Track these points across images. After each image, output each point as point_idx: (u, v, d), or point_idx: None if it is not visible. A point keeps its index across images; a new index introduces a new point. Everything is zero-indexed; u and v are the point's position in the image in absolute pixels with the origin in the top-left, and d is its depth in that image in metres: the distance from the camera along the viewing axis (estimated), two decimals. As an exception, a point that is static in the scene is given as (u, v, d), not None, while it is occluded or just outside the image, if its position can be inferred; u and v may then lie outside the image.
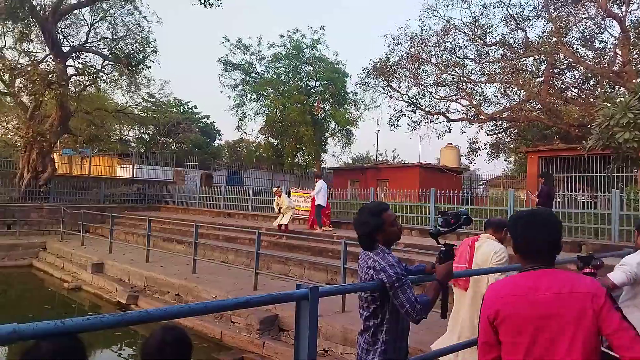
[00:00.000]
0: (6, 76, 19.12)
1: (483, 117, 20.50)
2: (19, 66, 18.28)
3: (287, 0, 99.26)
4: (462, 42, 20.60)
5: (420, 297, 2.39)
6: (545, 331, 1.78)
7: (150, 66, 21.17)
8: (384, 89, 22.93)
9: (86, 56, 20.56)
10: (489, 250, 3.89)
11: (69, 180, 20.46)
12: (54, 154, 21.23)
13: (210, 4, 19.54)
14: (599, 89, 17.63)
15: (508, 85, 19.41)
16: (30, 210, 17.23)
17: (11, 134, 24.23)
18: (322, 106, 26.38)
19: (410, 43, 20.94)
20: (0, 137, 24.75)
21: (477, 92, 21.44)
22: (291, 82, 26.01)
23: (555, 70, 19.19)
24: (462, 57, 20.78)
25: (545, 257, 1.90)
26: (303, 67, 26.36)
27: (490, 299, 1.92)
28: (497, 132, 23.05)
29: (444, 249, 2.64)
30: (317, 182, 13.39)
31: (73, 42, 20.93)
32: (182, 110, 37.43)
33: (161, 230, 15.47)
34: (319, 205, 12.83)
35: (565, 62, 18.69)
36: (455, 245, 2.88)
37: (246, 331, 7.21)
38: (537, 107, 19.03)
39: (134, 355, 7.62)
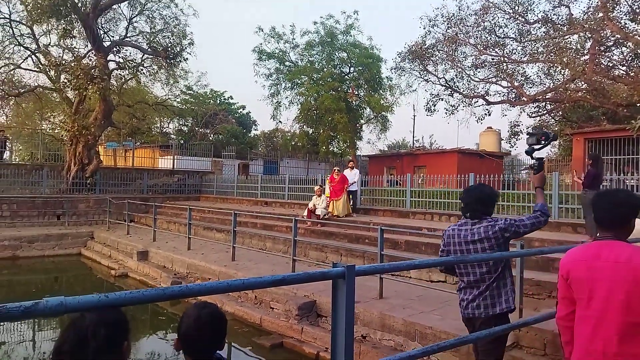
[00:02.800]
0: (52, 72, 19.96)
1: (525, 99, 19.76)
2: (64, 62, 19.01)
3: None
4: (502, 21, 19.83)
5: (535, 206, 3.24)
6: (598, 292, 2.12)
7: (187, 58, 21.58)
8: (419, 73, 22.46)
9: (126, 50, 21.15)
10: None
11: (114, 171, 21.24)
12: (99, 146, 22.07)
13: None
14: (650, 66, 16.63)
15: (551, 65, 18.58)
16: (77, 201, 18.02)
17: (58, 128, 25.34)
18: (356, 92, 26.18)
19: (447, 24, 20.35)
20: (48, 131, 25.92)
21: (518, 72, 20.64)
22: (325, 69, 25.91)
23: (602, 48, 18.19)
24: (502, 36, 20.03)
25: (615, 229, 2.22)
26: (337, 54, 26.19)
27: (564, 260, 2.33)
28: (540, 114, 22.17)
29: (537, 162, 3.42)
30: (353, 168, 13.68)
31: (113, 37, 21.59)
32: (218, 102, 38.04)
33: (201, 219, 15.86)
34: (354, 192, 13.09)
35: (612, 38, 17.69)
36: (544, 159, 3.52)
37: (285, 317, 7.31)
38: (582, 87, 18.15)
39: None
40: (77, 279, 13.13)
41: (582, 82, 17.72)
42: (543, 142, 3.42)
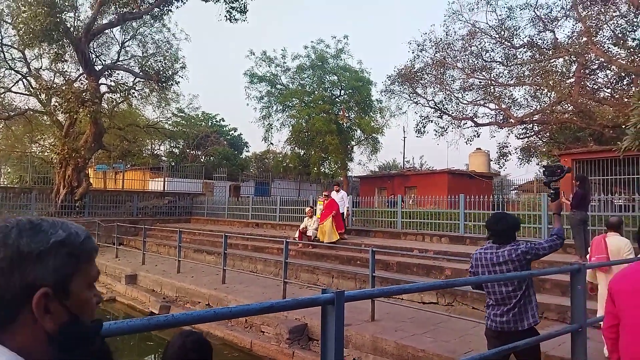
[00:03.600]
0: (43, 95, 19.93)
1: (513, 121, 20.08)
2: (55, 85, 19.02)
3: (311, 12, 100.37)
4: (489, 45, 20.31)
5: (552, 230, 3.67)
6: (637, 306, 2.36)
7: (179, 82, 21.72)
8: (409, 95, 22.79)
9: (118, 74, 21.27)
10: (618, 242, 5.22)
11: (103, 194, 21.08)
12: (89, 169, 21.93)
13: (235, 19, 19.97)
14: (633, 88, 17.01)
15: (538, 88, 18.95)
16: (66, 224, 17.77)
17: (48, 151, 25.19)
18: (347, 115, 26.45)
19: (435, 48, 20.78)
20: (38, 154, 25.75)
21: (505, 95, 21.03)
22: (316, 92, 26.20)
23: (587, 71, 18.64)
24: (489, 60, 20.47)
25: None
26: (327, 77, 26.53)
27: (613, 278, 2.62)
28: (527, 135, 22.50)
29: (553, 192, 3.90)
30: (339, 190, 13.50)
31: (105, 60, 21.73)
32: (210, 124, 38.14)
33: (191, 241, 15.72)
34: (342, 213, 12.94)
35: (596, 62, 18.14)
36: (558, 187, 4.01)
37: (276, 340, 7.21)
38: (569, 109, 18.50)
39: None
40: (64, 304, 12.87)
41: (569, 105, 18.07)
42: (559, 174, 3.91)
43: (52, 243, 0.83)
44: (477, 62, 20.34)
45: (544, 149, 23.28)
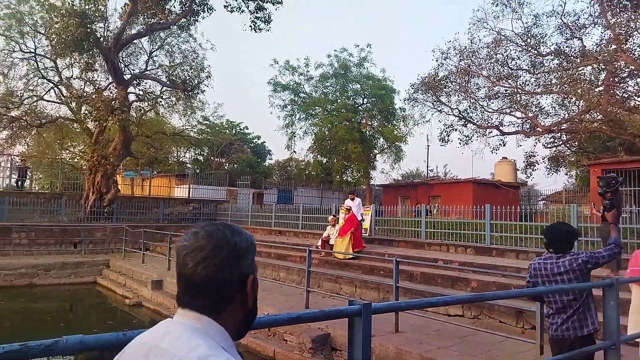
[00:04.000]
0: (73, 104, 20.56)
1: (540, 130, 19.70)
2: (85, 94, 19.61)
3: (335, 20, 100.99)
4: (515, 53, 20.03)
5: (609, 239, 3.77)
6: None
7: (204, 90, 22.12)
8: (433, 104, 22.62)
9: (146, 83, 21.81)
10: None
11: (131, 200, 21.53)
12: (117, 176, 22.45)
13: (260, 29, 20.25)
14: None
15: (565, 96, 18.57)
16: (95, 229, 18.24)
17: (77, 158, 25.93)
18: (370, 123, 26.41)
19: (460, 56, 20.62)
20: (68, 161, 26.51)
21: (532, 103, 20.66)
22: (339, 101, 26.27)
23: (616, 79, 18.18)
24: (515, 68, 20.17)
25: None
26: (350, 85, 26.58)
27: None
28: (555, 144, 22.02)
29: (609, 202, 4.14)
30: (354, 199, 13.33)
31: (133, 70, 22.31)
32: (234, 132, 38.64)
33: (215, 248, 15.84)
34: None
35: (626, 69, 17.68)
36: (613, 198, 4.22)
37: (298, 350, 7.20)
38: (598, 118, 18.05)
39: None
40: (92, 308, 13.16)
41: (598, 113, 17.64)
42: (613, 185, 4.12)
43: (250, 243, 1.07)
44: (503, 70, 20.07)
45: (573, 159, 22.74)
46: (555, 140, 21.84)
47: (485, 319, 7.37)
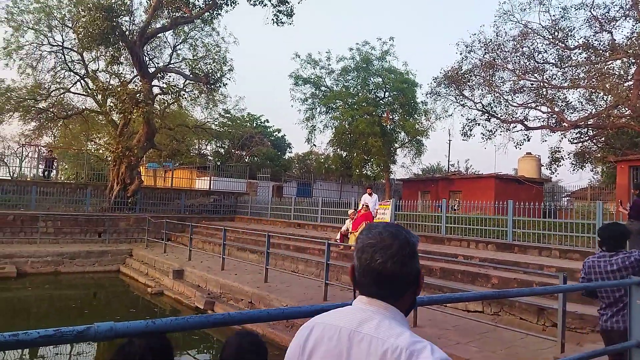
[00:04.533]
0: (99, 96, 20.97)
1: (566, 125, 19.25)
2: (110, 87, 19.98)
3: (358, 13, 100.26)
4: (541, 46, 19.57)
5: None
6: None
7: (226, 83, 22.28)
8: (455, 97, 22.32)
9: (169, 76, 22.09)
10: None
11: (154, 191, 21.91)
12: (141, 167, 22.85)
13: (282, 23, 20.27)
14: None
15: (593, 91, 18.10)
16: (119, 219, 18.64)
17: (102, 149, 26.46)
18: (391, 117, 26.21)
19: (485, 49, 20.25)
20: (93, 152, 27.09)
21: (558, 98, 20.18)
22: (360, 94, 26.13)
23: (647, 73, 17.62)
24: (542, 62, 19.72)
25: None
26: (372, 79, 26.41)
27: None
28: (582, 140, 21.48)
29: None
30: (371, 194, 13.46)
31: (158, 63, 22.61)
32: (255, 125, 38.86)
33: (235, 239, 16.06)
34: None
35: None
36: None
37: (317, 341, 7.24)
38: (626, 113, 17.55)
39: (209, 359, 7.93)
40: (115, 296, 13.48)
41: (626, 109, 17.15)
42: None
43: (417, 241, 1.24)
44: (529, 64, 19.65)
45: (599, 155, 22.17)
46: (582, 136, 21.31)
47: (506, 315, 7.29)
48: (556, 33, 18.81)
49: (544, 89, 19.58)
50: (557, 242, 10.62)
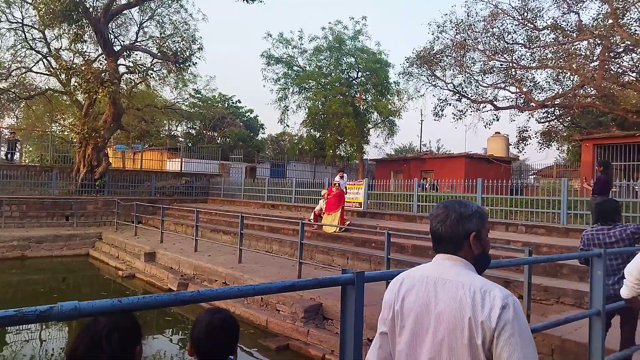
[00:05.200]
0: (63, 75, 20.16)
1: (534, 105, 19.68)
2: (74, 66, 19.21)
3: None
4: (511, 27, 19.76)
5: None
6: None
7: (196, 63, 21.76)
8: (427, 78, 22.43)
9: (136, 54, 21.34)
10: None
11: (122, 174, 21.40)
12: (108, 149, 22.23)
13: (252, 0, 19.80)
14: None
15: (560, 71, 18.50)
16: (86, 202, 18.17)
17: (68, 130, 25.59)
18: (364, 97, 26.22)
19: (456, 30, 20.34)
20: (58, 133, 26.17)
21: (527, 78, 20.55)
22: (333, 74, 25.98)
23: (612, 54, 18.09)
24: (511, 42, 19.96)
25: None
26: (344, 59, 26.26)
27: None
28: (548, 119, 22.04)
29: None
30: (343, 176, 13.44)
31: (123, 41, 21.79)
32: (226, 105, 38.22)
33: (208, 221, 15.92)
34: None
35: (622, 44, 17.58)
36: None
37: (291, 319, 7.32)
38: (591, 93, 18.04)
39: (183, 339, 7.91)
40: (85, 280, 13.22)
41: (592, 88, 17.62)
42: None
43: (474, 211, 1.57)
44: (499, 44, 19.87)
45: (565, 134, 22.84)
46: (549, 115, 21.87)
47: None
48: (525, 14, 19.03)
49: (513, 70, 19.89)
50: (524, 218, 10.95)
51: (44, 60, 21.36)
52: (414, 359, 1.52)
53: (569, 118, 21.65)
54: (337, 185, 12.62)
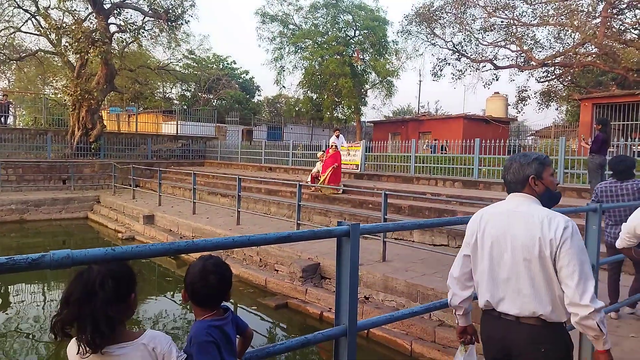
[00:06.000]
0: (53, 35, 19.62)
1: (534, 63, 19.39)
2: (64, 25, 18.66)
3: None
4: (513, -19, 19.25)
5: None
6: None
7: (189, 21, 21.16)
8: (426, 36, 22.00)
9: (127, 12, 20.68)
10: None
11: (118, 137, 21.22)
12: (102, 111, 21.93)
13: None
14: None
15: (562, 28, 18.12)
16: (83, 165, 18.09)
17: (60, 93, 25.15)
18: (361, 57, 25.75)
19: (456, -16, 19.77)
20: (51, 96, 25.76)
21: (528, 36, 20.17)
22: (329, 33, 25.40)
23: (614, 10, 17.67)
24: (513, -2, 19.47)
25: None
26: (342, 16, 25.61)
27: None
28: (548, 79, 21.78)
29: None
30: (339, 136, 13.43)
31: (113, -1, 21.08)
32: (221, 67, 37.48)
33: (205, 184, 15.93)
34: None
35: (625, 0, 17.16)
36: None
37: (289, 278, 7.44)
38: (592, 52, 17.74)
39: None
40: (85, 242, 13.33)
41: (593, 46, 17.31)
42: None
43: (533, 158, 2.01)
44: (500, 0, 19.37)
45: (565, 94, 22.62)
46: (548, 75, 21.59)
47: (470, 248, 7.60)
48: (528, -32, 18.47)
49: (514, 27, 19.47)
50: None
51: (33, 19, 20.69)
52: (495, 275, 2.00)
53: (569, 77, 21.38)
54: (334, 147, 12.57)
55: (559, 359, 1.92)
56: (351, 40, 26.12)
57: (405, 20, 21.85)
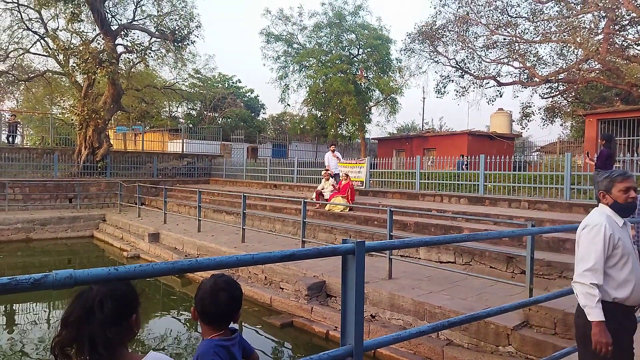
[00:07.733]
0: (61, 56, 19.96)
1: (537, 80, 19.44)
2: (72, 46, 19.00)
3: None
4: (514, 0, 19.44)
5: None
6: None
7: (195, 41, 21.46)
8: (429, 54, 22.17)
9: (134, 34, 21.05)
10: None
11: (124, 155, 21.38)
12: (109, 130, 22.14)
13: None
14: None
15: (564, 45, 18.21)
16: (89, 184, 18.20)
17: (68, 112, 25.46)
18: (365, 74, 25.96)
19: (459, 3, 20.01)
20: (58, 115, 26.07)
21: (530, 53, 20.28)
22: (333, 52, 25.68)
23: (616, 27, 17.78)
24: (515, 16, 19.65)
25: None
26: (345, 35, 25.91)
27: None
28: (552, 95, 21.82)
29: None
30: (334, 150, 13.64)
31: (121, 20, 21.46)
32: (227, 85, 37.92)
33: (211, 201, 15.95)
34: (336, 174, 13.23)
35: (627, 17, 17.26)
36: None
37: (295, 297, 7.37)
38: (596, 67, 17.80)
39: (189, 319, 7.99)
40: (90, 261, 13.32)
41: (596, 62, 17.37)
42: None
43: (603, 178, 2.81)
44: (502, 18, 19.55)
45: (569, 109, 22.62)
46: (552, 91, 21.64)
47: (477, 265, 7.53)
48: (529, -14, 18.67)
49: (517, 44, 19.60)
50: (526, 194, 10.92)
51: (42, 41, 21.14)
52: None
53: (573, 93, 21.42)
54: (345, 175, 12.73)
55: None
56: (355, 58, 26.38)
57: (409, 38, 22.07)
